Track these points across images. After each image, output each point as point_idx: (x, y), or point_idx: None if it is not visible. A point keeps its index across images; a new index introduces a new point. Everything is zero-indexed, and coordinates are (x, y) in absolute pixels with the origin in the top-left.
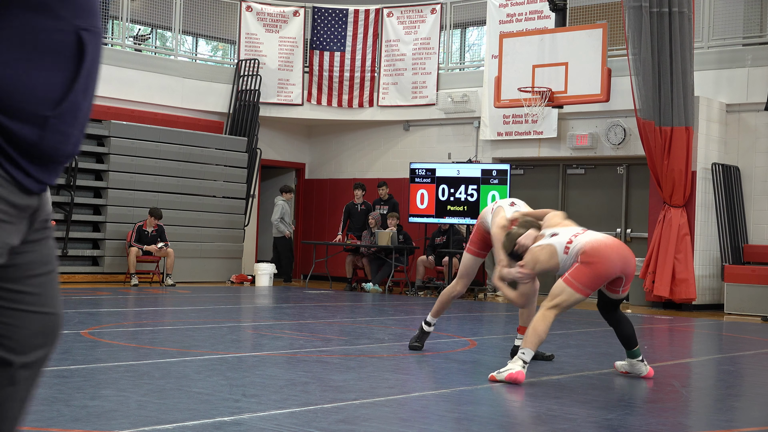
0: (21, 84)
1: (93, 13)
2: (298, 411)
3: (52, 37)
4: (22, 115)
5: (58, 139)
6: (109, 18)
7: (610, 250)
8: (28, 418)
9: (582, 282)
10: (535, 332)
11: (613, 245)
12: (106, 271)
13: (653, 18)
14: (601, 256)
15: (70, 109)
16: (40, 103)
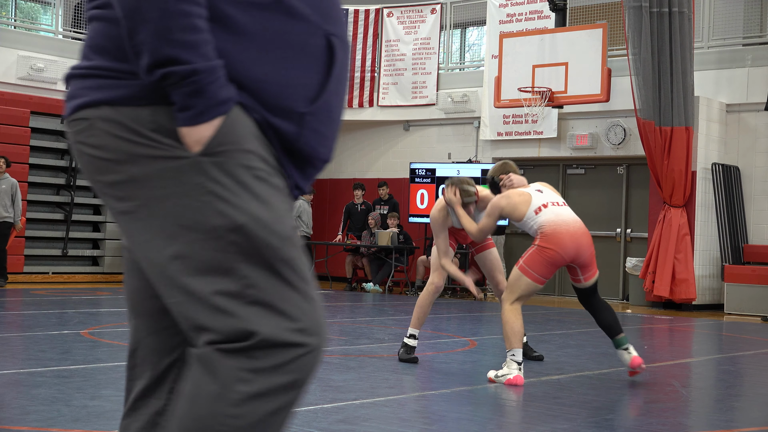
0: (280, 81)
1: (340, 21)
2: (298, 411)
3: (305, 40)
4: (281, 111)
5: (314, 138)
6: None
7: (567, 238)
8: (28, 418)
9: (536, 270)
10: (513, 331)
11: (572, 232)
12: (106, 271)
13: (653, 18)
14: (555, 242)
15: (324, 108)
16: (297, 100)
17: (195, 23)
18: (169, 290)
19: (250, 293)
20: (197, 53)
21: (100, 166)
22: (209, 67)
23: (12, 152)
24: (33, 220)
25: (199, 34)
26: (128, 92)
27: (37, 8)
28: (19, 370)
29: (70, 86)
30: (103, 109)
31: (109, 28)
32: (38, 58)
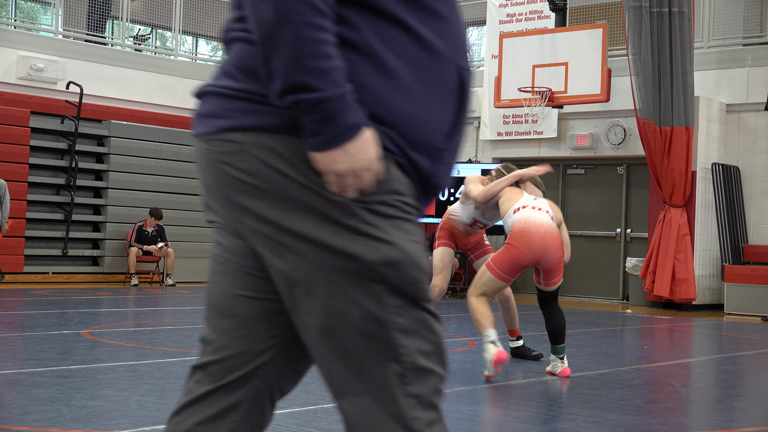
0: (425, 117)
1: (467, 53)
2: (298, 411)
3: (444, 75)
4: (423, 147)
5: (444, 171)
6: (109, 18)
7: (536, 237)
8: (28, 418)
9: (501, 268)
10: (480, 314)
11: (541, 234)
12: (106, 271)
13: (653, 18)
14: (521, 242)
15: (455, 142)
16: (436, 136)
17: (326, 50)
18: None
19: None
20: (327, 80)
21: (247, 191)
22: (339, 94)
23: (12, 152)
24: (33, 220)
25: (330, 60)
26: (283, 121)
27: (37, 8)
28: (19, 370)
29: (211, 103)
30: (257, 136)
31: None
32: (38, 58)
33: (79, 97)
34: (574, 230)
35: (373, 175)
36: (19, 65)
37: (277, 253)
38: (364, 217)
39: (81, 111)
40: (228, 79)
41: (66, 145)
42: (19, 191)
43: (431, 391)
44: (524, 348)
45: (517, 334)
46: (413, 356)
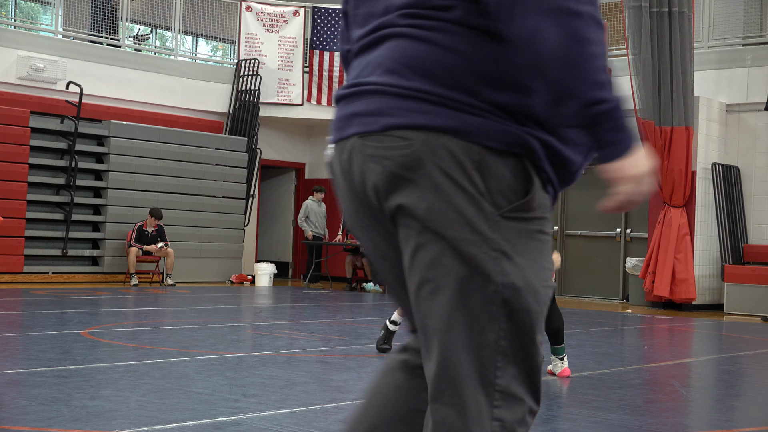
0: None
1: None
2: (298, 411)
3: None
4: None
5: (583, 167)
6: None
7: None
8: (28, 418)
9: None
10: None
11: None
12: (106, 271)
13: (653, 18)
14: None
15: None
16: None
17: (605, 64)
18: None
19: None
20: (612, 90)
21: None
22: (621, 103)
23: (12, 152)
24: (33, 220)
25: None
26: (458, 124)
27: (37, 8)
28: (18, 370)
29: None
30: (429, 135)
31: (441, 54)
32: (38, 58)
33: (78, 97)
34: (574, 230)
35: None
36: (19, 65)
37: (416, 248)
38: (506, 235)
39: (81, 111)
40: (393, 76)
41: (66, 145)
42: (19, 191)
43: (517, 420)
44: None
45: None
46: (508, 382)
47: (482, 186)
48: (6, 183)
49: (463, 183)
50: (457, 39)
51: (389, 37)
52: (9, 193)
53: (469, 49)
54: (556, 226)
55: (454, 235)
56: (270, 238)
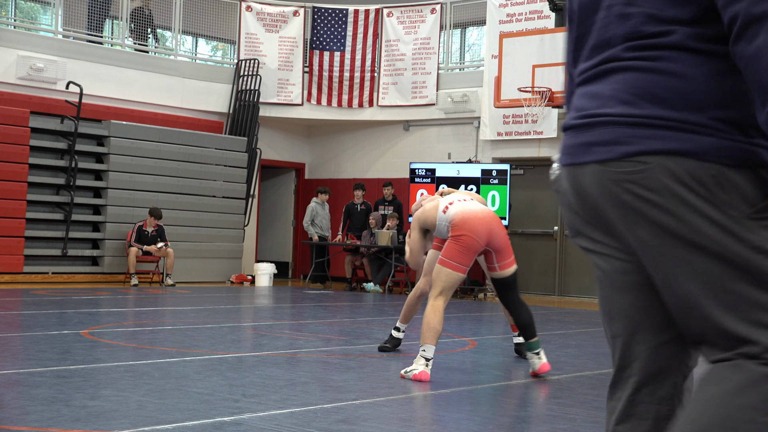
0: None
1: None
2: (298, 411)
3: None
4: None
5: None
6: (109, 18)
7: (477, 222)
8: (28, 418)
9: (453, 258)
10: (429, 327)
11: (481, 217)
12: (106, 271)
13: None
14: (466, 229)
15: None
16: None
17: None
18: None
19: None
20: None
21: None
22: None
23: (12, 152)
24: (33, 220)
25: None
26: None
27: (36, 8)
28: (18, 370)
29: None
30: (664, 158)
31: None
32: (38, 58)
33: (78, 97)
34: None
35: None
36: (19, 65)
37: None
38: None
39: (81, 111)
40: (626, 106)
41: (66, 145)
42: (19, 191)
43: None
44: (522, 346)
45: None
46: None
47: (724, 196)
48: (6, 183)
49: (706, 195)
50: (680, 64)
51: (617, 70)
52: (9, 193)
53: (692, 71)
54: (555, 226)
55: (713, 241)
56: (270, 238)
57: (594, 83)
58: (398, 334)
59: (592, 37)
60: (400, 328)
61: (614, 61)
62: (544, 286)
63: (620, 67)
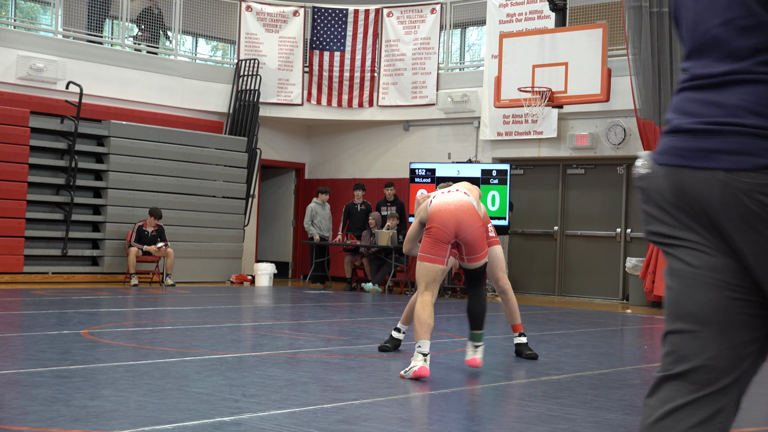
0: None
1: None
2: (298, 411)
3: None
4: None
5: None
6: (109, 18)
7: (446, 213)
8: (28, 418)
9: (427, 251)
10: (420, 322)
11: (452, 209)
12: (105, 271)
13: (653, 18)
14: (435, 221)
15: None
16: None
17: None
18: None
19: None
20: None
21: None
22: None
23: (12, 152)
24: (33, 220)
25: None
26: None
27: (36, 8)
28: (18, 370)
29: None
30: None
31: None
32: (38, 58)
33: (78, 97)
34: (574, 230)
35: None
36: (19, 65)
37: None
38: None
39: (81, 111)
40: (759, 118)
41: (66, 145)
42: (19, 191)
43: None
44: (522, 346)
45: (519, 330)
46: None
47: None
48: (6, 183)
49: None
50: None
51: (745, 82)
52: (9, 193)
53: None
54: (555, 226)
55: None
56: (270, 238)
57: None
58: (398, 334)
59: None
60: (401, 329)
61: (743, 73)
62: (545, 286)
63: (750, 79)
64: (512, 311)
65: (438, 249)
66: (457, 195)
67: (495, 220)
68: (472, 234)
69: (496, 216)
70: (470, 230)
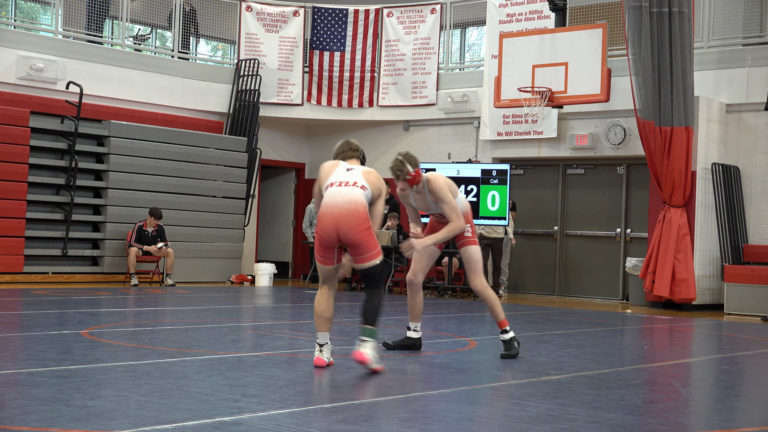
0: None
1: None
2: (298, 411)
3: None
4: None
5: None
6: (109, 18)
7: (327, 221)
8: (28, 418)
9: (317, 252)
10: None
11: (336, 214)
12: (106, 271)
13: (653, 18)
14: (319, 226)
15: None
16: None
17: None
18: None
19: None
20: None
21: None
22: None
23: (12, 152)
24: (33, 220)
25: None
26: None
27: (36, 8)
28: (18, 370)
29: None
30: None
31: None
32: (38, 58)
33: (78, 97)
34: (574, 230)
35: None
36: (19, 65)
37: None
38: None
39: (81, 111)
40: None
41: (66, 145)
42: (19, 191)
43: None
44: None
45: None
46: None
47: None
48: (6, 183)
49: None
50: None
51: None
52: (9, 193)
53: None
54: (555, 226)
55: None
56: (270, 238)
57: None
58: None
59: None
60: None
61: None
62: (545, 286)
63: None
64: (491, 309)
65: (323, 251)
66: (347, 194)
67: (495, 220)
68: (355, 237)
69: (496, 216)
70: (352, 234)
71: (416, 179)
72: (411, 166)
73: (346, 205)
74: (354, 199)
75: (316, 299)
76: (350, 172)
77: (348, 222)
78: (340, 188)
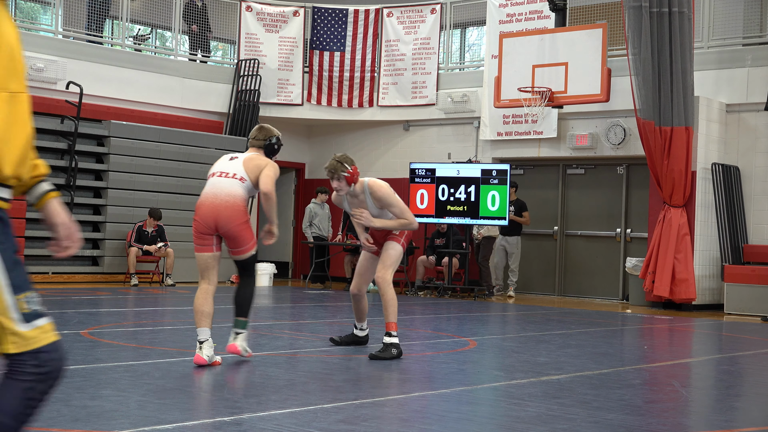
0: None
1: None
2: (298, 411)
3: None
4: None
5: None
6: (109, 18)
7: (205, 208)
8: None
9: (195, 240)
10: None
11: (216, 203)
12: (106, 271)
13: (653, 18)
14: (197, 212)
15: None
16: None
17: None
18: None
19: None
20: None
21: None
22: None
23: None
24: (33, 220)
25: None
26: None
27: (37, 8)
28: None
29: None
30: None
31: None
32: (38, 58)
33: (78, 97)
34: (574, 230)
35: None
36: None
37: None
38: None
39: (81, 111)
40: None
41: (66, 145)
42: None
43: None
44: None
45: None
46: None
47: None
48: None
49: None
50: None
51: None
52: None
53: None
54: (555, 226)
55: None
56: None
57: None
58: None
59: None
60: (357, 326)
61: None
62: (544, 286)
63: None
64: (385, 307)
65: (199, 239)
66: (228, 186)
67: (495, 220)
68: (232, 229)
69: (495, 216)
70: (231, 226)
71: (354, 177)
72: (347, 164)
73: (226, 197)
74: (233, 192)
75: (196, 294)
76: (233, 161)
77: (228, 214)
78: (221, 179)
